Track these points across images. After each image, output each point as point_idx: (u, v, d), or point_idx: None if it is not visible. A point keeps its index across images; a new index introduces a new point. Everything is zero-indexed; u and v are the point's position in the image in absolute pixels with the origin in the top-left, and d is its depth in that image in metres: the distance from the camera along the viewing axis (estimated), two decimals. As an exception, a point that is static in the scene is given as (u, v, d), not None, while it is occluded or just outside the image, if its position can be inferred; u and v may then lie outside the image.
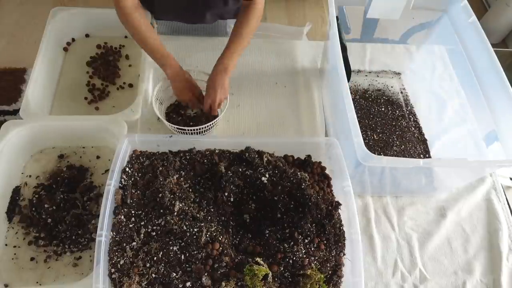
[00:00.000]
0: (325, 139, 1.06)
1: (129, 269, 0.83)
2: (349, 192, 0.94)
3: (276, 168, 1.00)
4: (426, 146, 1.37)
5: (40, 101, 1.23)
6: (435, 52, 1.42)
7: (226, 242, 0.89)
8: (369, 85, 1.51)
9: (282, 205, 0.96)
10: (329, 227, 0.92)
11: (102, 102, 1.33)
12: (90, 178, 1.16)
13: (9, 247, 1.03)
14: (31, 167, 1.17)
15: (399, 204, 1.23)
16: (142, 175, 0.98)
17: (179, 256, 0.85)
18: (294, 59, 1.50)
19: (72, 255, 1.03)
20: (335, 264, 0.90)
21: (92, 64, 1.42)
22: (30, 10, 2.68)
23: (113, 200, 0.90)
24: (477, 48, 1.18)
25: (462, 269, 1.14)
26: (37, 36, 1.34)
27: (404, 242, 1.16)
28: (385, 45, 1.57)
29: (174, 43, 1.46)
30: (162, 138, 1.02)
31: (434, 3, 1.31)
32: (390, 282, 1.10)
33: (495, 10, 2.73)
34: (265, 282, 0.83)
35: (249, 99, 1.38)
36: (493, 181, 1.30)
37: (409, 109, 1.46)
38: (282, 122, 1.33)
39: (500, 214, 1.23)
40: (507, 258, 1.16)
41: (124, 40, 1.49)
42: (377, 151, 1.32)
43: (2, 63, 2.35)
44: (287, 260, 0.86)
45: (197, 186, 0.99)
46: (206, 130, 1.19)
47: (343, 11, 1.31)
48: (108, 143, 1.19)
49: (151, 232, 0.88)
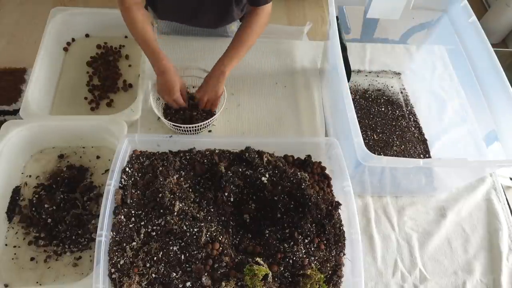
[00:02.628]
0: (325, 139, 1.06)
1: (129, 269, 0.83)
2: (349, 192, 0.94)
3: (276, 168, 1.00)
4: (426, 146, 1.37)
5: (40, 101, 1.23)
6: (435, 52, 1.42)
7: (226, 242, 0.89)
8: (369, 85, 1.51)
9: (282, 205, 0.96)
10: (329, 227, 0.92)
11: (102, 102, 1.33)
12: (90, 178, 1.16)
13: (9, 247, 1.03)
14: (31, 167, 1.17)
15: (399, 204, 1.23)
16: (142, 175, 0.98)
17: (179, 256, 0.85)
18: (294, 59, 1.50)
19: (72, 255, 1.03)
20: (335, 264, 0.90)
21: (92, 64, 1.42)
22: (30, 10, 2.69)
23: (113, 200, 0.90)
24: (477, 48, 1.18)
25: (462, 269, 1.14)
26: (37, 36, 1.35)
27: (404, 242, 1.16)
28: (385, 45, 1.57)
29: (175, 43, 1.46)
30: (162, 138, 1.02)
31: (434, 3, 1.31)
32: (390, 282, 1.10)
33: (495, 10, 2.73)
34: (265, 282, 0.83)
35: (249, 99, 1.38)
36: (493, 181, 1.30)
37: (409, 109, 1.46)
38: (282, 122, 1.33)
39: (500, 214, 1.23)
40: (507, 258, 1.16)
41: (124, 40, 1.49)
42: (377, 151, 1.32)
43: (2, 63, 2.36)
44: (287, 260, 0.86)
45: (197, 186, 0.99)
46: (201, 128, 1.19)
47: (343, 11, 1.31)
48: (108, 143, 1.19)
49: (151, 232, 0.88)
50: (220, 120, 1.31)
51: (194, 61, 1.42)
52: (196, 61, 1.42)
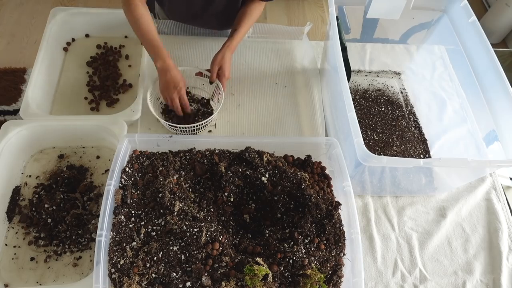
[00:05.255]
0: (325, 139, 1.06)
1: (129, 269, 0.83)
2: (349, 192, 0.94)
3: (276, 168, 1.00)
4: (426, 146, 1.37)
5: (40, 101, 1.23)
6: (435, 52, 1.42)
7: (226, 242, 0.89)
8: (369, 85, 1.51)
9: (282, 205, 0.96)
10: (329, 227, 0.92)
11: (102, 102, 1.33)
12: (90, 178, 1.16)
13: (9, 247, 1.03)
14: (31, 167, 1.17)
15: (399, 204, 1.23)
16: (142, 175, 0.98)
17: (179, 256, 0.85)
18: (294, 59, 1.50)
19: (72, 255, 1.03)
20: (335, 264, 0.90)
21: (92, 64, 1.42)
22: (30, 10, 2.69)
23: (113, 200, 0.90)
24: (477, 48, 1.18)
25: (462, 269, 1.14)
26: (37, 36, 1.35)
27: (404, 242, 1.16)
28: (385, 45, 1.57)
29: (174, 43, 1.46)
30: (162, 138, 1.02)
31: (434, 3, 1.31)
32: (390, 282, 1.10)
33: (495, 10, 2.73)
34: (265, 282, 0.83)
35: (249, 99, 1.38)
36: (493, 181, 1.30)
37: (409, 109, 1.46)
38: (282, 122, 1.33)
39: (500, 214, 1.23)
40: (507, 258, 1.16)
41: (124, 40, 1.49)
42: (377, 151, 1.32)
43: (2, 63, 2.36)
44: (287, 260, 0.86)
45: (197, 186, 0.99)
46: (199, 128, 1.18)
47: (343, 11, 1.31)
48: (108, 143, 1.19)
49: (151, 232, 0.88)
50: (220, 120, 1.31)
51: (194, 60, 1.42)
52: (196, 60, 1.42)
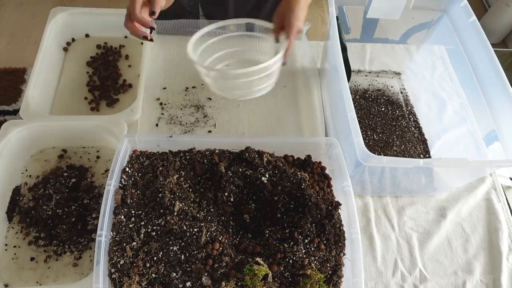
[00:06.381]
0: (325, 139, 1.06)
1: (129, 269, 0.83)
2: (349, 192, 0.94)
3: (276, 168, 1.00)
4: (426, 146, 1.37)
5: (40, 101, 1.23)
6: (435, 52, 1.42)
7: (226, 242, 0.89)
8: (369, 85, 1.51)
9: (282, 205, 0.96)
10: (329, 227, 0.92)
11: (102, 102, 1.33)
12: (90, 178, 1.16)
13: (9, 247, 1.03)
14: (31, 167, 1.17)
15: (399, 204, 1.23)
16: (142, 175, 0.98)
17: (179, 256, 0.85)
18: (294, 59, 1.50)
19: (72, 255, 1.03)
20: (335, 264, 0.90)
21: (92, 64, 1.42)
22: (30, 10, 2.69)
23: (113, 200, 0.90)
24: (477, 48, 1.18)
25: (462, 269, 1.14)
26: (37, 36, 1.35)
27: (404, 242, 1.16)
28: (385, 45, 1.56)
29: (175, 43, 1.46)
30: (162, 138, 1.02)
31: (434, 3, 1.31)
32: (390, 282, 1.10)
33: (495, 10, 2.73)
34: (265, 282, 0.83)
35: (249, 99, 1.37)
36: (493, 181, 1.30)
37: (409, 109, 1.46)
38: (282, 122, 1.33)
39: (500, 214, 1.23)
40: (507, 258, 1.16)
41: (124, 40, 1.49)
42: (377, 151, 1.32)
43: (2, 63, 2.36)
44: (287, 260, 0.86)
45: (197, 186, 0.99)
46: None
47: (343, 11, 1.31)
48: (108, 143, 1.19)
49: (151, 232, 0.88)
50: (220, 120, 1.31)
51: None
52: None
